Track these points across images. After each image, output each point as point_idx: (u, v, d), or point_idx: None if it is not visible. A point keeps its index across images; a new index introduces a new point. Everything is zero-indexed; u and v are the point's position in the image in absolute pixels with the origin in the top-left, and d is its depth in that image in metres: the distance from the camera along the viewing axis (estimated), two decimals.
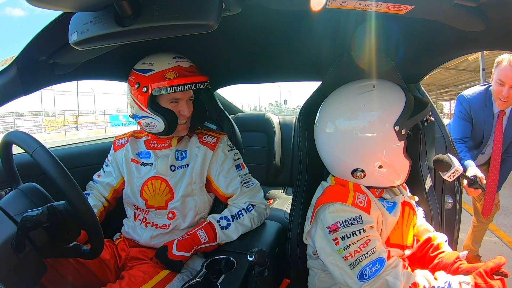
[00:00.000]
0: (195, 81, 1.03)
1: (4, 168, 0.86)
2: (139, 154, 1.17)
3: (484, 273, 0.75)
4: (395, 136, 0.83)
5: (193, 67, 1.08)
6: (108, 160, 1.23)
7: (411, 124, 0.84)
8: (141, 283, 0.94)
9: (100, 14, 0.63)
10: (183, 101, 1.07)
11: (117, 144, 1.22)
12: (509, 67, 1.54)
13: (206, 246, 1.04)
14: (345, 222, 0.82)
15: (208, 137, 1.16)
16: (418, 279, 0.77)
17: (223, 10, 0.61)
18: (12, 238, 0.72)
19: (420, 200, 1.06)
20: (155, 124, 1.05)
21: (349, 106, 0.88)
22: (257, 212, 1.12)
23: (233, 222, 1.08)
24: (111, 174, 1.20)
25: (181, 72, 1.03)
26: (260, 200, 1.15)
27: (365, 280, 0.77)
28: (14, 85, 0.88)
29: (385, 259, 0.80)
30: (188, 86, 1.02)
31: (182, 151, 1.14)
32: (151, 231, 1.11)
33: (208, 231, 1.05)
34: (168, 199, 1.10)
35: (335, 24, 0.91)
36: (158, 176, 1.11)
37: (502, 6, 0.66)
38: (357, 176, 0.88)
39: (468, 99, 1.72)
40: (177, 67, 1.04)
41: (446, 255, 0.91)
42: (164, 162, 1.11)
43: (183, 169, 1.11)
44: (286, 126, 2.22)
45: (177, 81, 1.01)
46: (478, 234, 2.10)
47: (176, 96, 1.05)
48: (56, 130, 16.53)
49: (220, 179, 1.13)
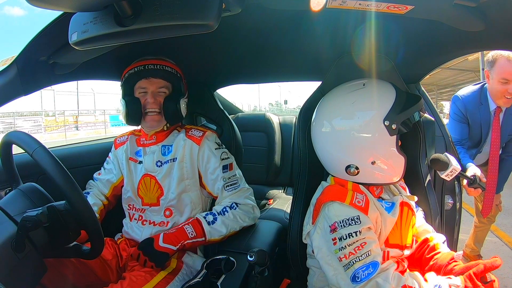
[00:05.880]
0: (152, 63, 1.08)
1: (4, 168, 0.87)
2: (137, 153, 1.18)
3: (474, 276, 0.75)
4: (385, 131, 0.84)
5: (164, 60, 1.12)
6: (109, 158, 1.24)
7: (401, 118, 0.85)
8: (143, 283, 0.94)
9: (100, 14, 0.63)
10: (149, 90, 1.10)
11: (118, 142, 1.24)
12: (509, 64, 1.50)
13: (193, 241, 1.04)
14: (342, 222, 0.82)
15: (194, 131, 1.16)
16: (408, 281, 0.77)
17: (223, 10, 0.61)
18: (12, 238, 0.72)
19: (420, 200, 1.06)
20: (122, 111, 1.10)
21: (339, 104, 0.91)
22: (242, 210, 1.12)
23: (218, 216, 1.08)
24: (111, 171, 1.22)
25: (145, 59, 1.09)
26: (244, 201, 1.14)
27: (357, 282, 0.77)
28: (14, 85, 0.88)
29: (379, 262, 0.79)
30: (143, 67, 1.07)
31: (168, 146, 1.14)
32: (149, 229, 1.11)
33: (195, 226, 1.05)
34: (159, 195, 1.11)
35: (335, 24, 0.91)
36: (148, 173, 1.13)
37: (502, 6, 0.66)
38: (350, 172, 0.89)
39: (463, 99, 1.70)
40: (149, 58, 1.10)
41: (441, 256, 0.91)
42: (150, 159, 1.13)
43: (169, 163, 1.11)
44: (286, 126, 2.21)
45: (135, 64, 1.08)
46: (480, 234, 2.09)
47: (141, 85, 1.09)
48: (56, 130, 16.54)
49: (207, 177, 1.14)
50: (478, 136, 1.73)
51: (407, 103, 0.86)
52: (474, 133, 1.72)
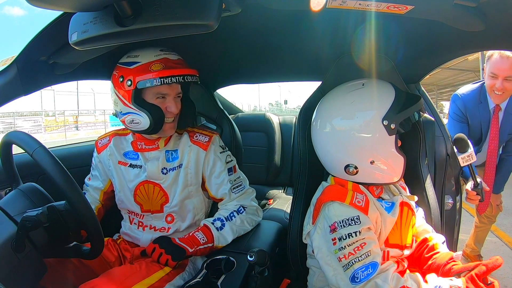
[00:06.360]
0: (183, 74, 0.96)
1: (4, 168, 0.86)
2: (126, 155, 1.11)
3: (476, 277, 0.74)
4: (384, 131, 0.84)
5: (181, 60, 1.02)
6: (93, 164, 1.18)
7: (400, 118, 0.85)
8: (145, 275, 0.92)
9: (100, 14, 0.63)
10: (170, 97, 1.00)
11: (99, 145, 1.15)
12: (500, 59, 1.52)
13: (205, 247, 1.02)
14: (342, 222, 0.82)
15: (200, 136, 1.11)
16: (408, 283, 0.77)
17: (223, 10, 0.61)
18: (12, 238, 0.72)
19: (420, 200, 1.06)
20: (140, 120, 0.98)
21: (339, 104, 0.91)
22: (249, 213, 1.11)
23: (227, 222, 1.06)
24: (97, 178, 1.16)
25: (168, 64, 0.97)
26: (250, 203, 1.13)
27: (357, 283, 0.77)
28: (14, 85, 0.88)
29: (379, 263, 0.79)
30: (176, 78, 0.95)
31: (172, 151, 1.08)
32: (150, 234, 1.09)
33: (205, 232, 1.03)
34: (163, 202, 1.08)
35: (335, 24, 0.91)
36: (149, 180, 1.07)
37: (502, 6, 0.66)
38: (349, 172, 0.89)
39: (462, 97, 1.70)
40: (164, 59, 0.98)
41: (439, 255, 0.91)
42: (154, 166, 1.06)
43: (175, 171, 1.07)
44: (286, 126, 2.21)
45: (163, 73, 0.94)
46: (481, 234, 2.09)
47: (162, 91, 0.98)
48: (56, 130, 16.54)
49: (212, 181, 1.11)
50: (478, 135, 1.73)
51: (406, 102, 0.86)
52: (474, 132, 1.72)
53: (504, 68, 1.51)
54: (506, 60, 1.50)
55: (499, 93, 1.57)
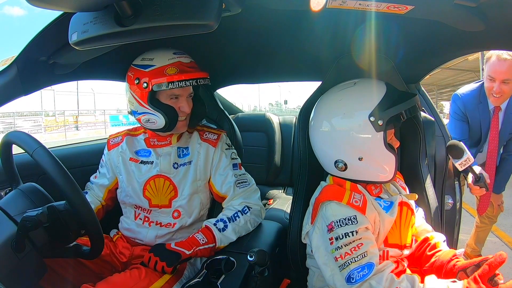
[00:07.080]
0: (196, 77, 1.02)
1: (4, 168, 0.86)
2: (138, 153, 1.15)
3: (480, 278, 0.71)
4: (371, 127, 0.84)
5: (193, 63, 1.07)
6: (103, 161, 1.21)
7: (388, 115, 0.84)
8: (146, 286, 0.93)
9: (100, 14, 0.63)
10: (183, 97, 1.06)
11: (111, 143, 1.19)
12: (497, 62, 1.51)
13: (205, 248, 1.01)
14: (339, 222, 0.82)
15: (209, 134, 1.17)
16: (402, 284, 0.76)
17: (223, 10, 0.61)
18: (12, 238, 0.72)
19: (420, 200, 1.06)
20: (155, 120, 1.04)
21: (329, 102, 0.94)
22: (253, 214, 1.11)
23: (229, 223, 1.06)
24: (105, 175, 1.18)
25: (182, 68, 1.02)
26: (256, 202, 1.14)
27: (352, 283, 0.77)
28: (14, 85, 0.88)
29: (375, 264, 0.78)
30: (190, 82, 1.01)
31: (183, 148, 1.13)
32: (155, 230, 1.10)
33: (205, 233, 1.03)
34: (172, 197, 1.10)
35: (335, 24, 0.91)
36: (161, 174, 1.10)
37: (502, 6, 0.66)
38: (338, 168, 0.90)
39: (462, 97, 1.70)
40: (178, 62, 1.03)
41: (442, 253, 0.91)
42: (166, 160, 1.11)
43: (186, 166, 1.11)
44: (286, 126, 2.22)
45: (178, 77, 1.00)
46: (482, 234, 2.09)
47: (176, 92, 1.04)
48: (56, 130, 16.54)
49: (217, 176, 1.13)
50: (478, 135, 1.73)
51: (397, 100, 0.86)
52: (474, 132, 1.72)
53: (502, 71, 1.51)
54: (504, 62, 1.50)
55: (497, 96, 1.57)
